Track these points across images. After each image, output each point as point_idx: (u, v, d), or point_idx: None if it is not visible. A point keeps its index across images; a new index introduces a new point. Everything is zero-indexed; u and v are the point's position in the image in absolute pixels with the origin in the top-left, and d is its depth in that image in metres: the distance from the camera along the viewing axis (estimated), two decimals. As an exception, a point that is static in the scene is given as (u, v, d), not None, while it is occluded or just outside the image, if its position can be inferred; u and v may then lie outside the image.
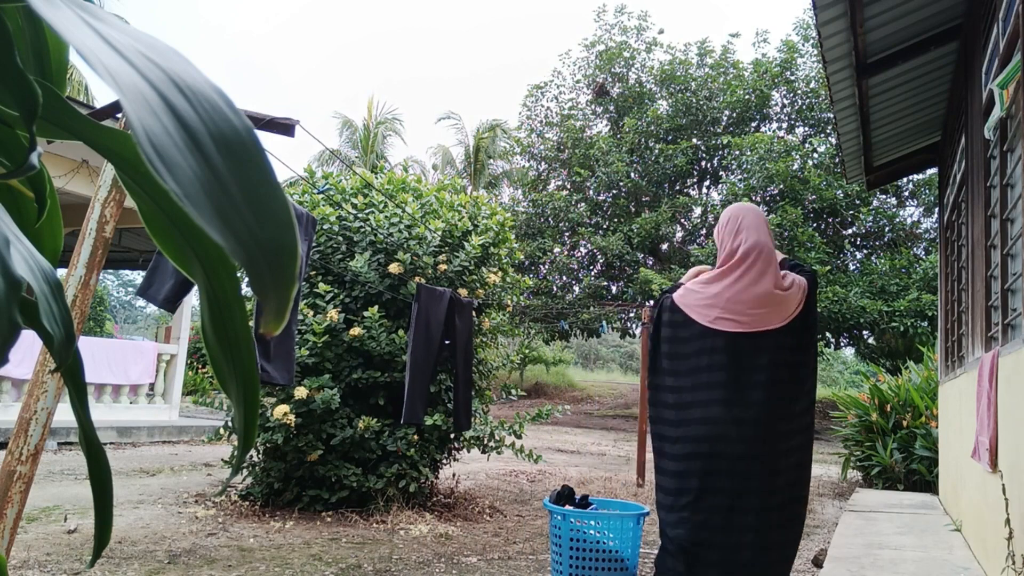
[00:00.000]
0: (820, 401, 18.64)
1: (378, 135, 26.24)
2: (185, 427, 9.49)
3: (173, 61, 0.44)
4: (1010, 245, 3.57)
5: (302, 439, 4.85)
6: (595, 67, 20.06)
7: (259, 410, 0.56)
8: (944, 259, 6.55)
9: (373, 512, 4.92)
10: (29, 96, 0.49)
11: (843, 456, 8.38)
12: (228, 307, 0.52)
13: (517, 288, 6.07)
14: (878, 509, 5.70)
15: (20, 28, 0.62)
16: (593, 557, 3.41)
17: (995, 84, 3.32)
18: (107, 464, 0.62)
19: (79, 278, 2.13)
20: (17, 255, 0.48)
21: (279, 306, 0.41)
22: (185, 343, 10.30)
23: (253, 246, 0.40)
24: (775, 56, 18.67)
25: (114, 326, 28.98)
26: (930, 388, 7.48)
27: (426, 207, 5.57)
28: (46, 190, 0.62)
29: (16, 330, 0.45)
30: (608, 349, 42.86)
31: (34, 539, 3.91)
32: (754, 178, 16.69)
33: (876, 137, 6.36)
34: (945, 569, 3.74)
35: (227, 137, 0.42)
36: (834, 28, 4.54)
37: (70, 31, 0.42)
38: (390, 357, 5.07)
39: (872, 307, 14.91)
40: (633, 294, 17.11)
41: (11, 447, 2.00)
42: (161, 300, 3.33)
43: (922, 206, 17.32)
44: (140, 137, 0.38)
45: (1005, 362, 3.37)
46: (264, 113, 3.08)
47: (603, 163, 17.93)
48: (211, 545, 4.00)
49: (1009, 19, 3.30)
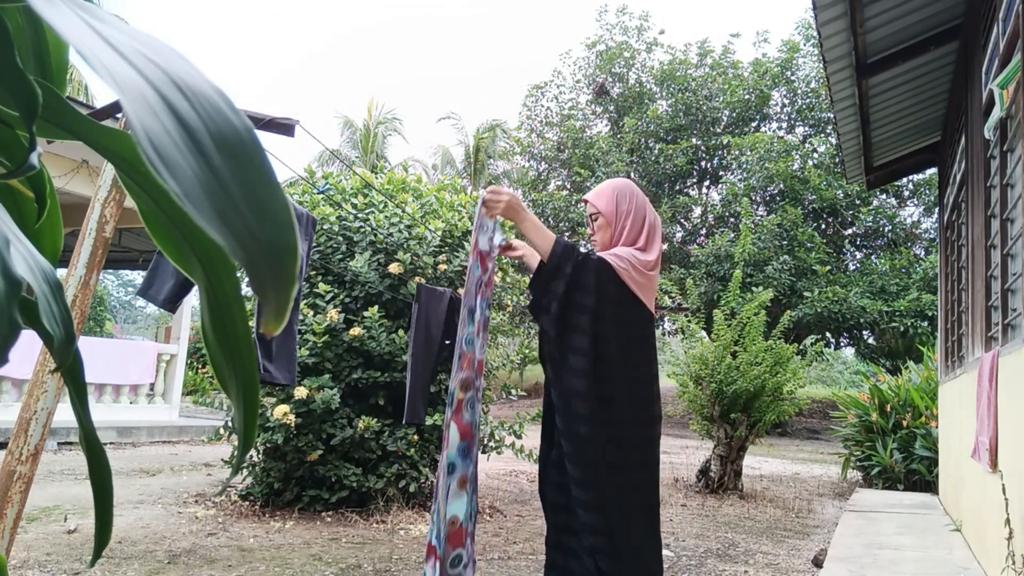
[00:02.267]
0: (820, 401, 18.65)
1: (378, 135, 26.26)
2: (185, 427, 9.49)
3: (173, 61, 0.44)
4: (1010, 245, 3.57)
5: (302, 439, 4.85)
6: (595, 67, 20.06)
7: (259, 410, 0.56)
8: (944, 259, 6.55)
9: (373, 512, 4.92)
10: (29, 96, 0.49)
11: (843, 456, 8.38)
12: (228, 307, 0.52)
13: (517, 288, 6.07)
14: (878, 509, 5.70)
15: (20, 28, 0.62)
16: (593, 557, 3.40)
17: (995, 84, 3.32)
18: (107, 464, 0.62)
19: (79, 278, 2.13)
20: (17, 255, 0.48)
21: (279, 306, 0.41)
22: (185, 343, 10.30)
23: (253, 246, 0.40)
24: (775, 56, 18.67)
25: (114, 326, 28.99)
26: (930, 388, 7.48)
27: (426, 207, 5.57)
28: (46, 190, 0.62)
29: (16, 330, 0.45)
30: (608, 349, 42.79)
31: (34, 539, 3.91)
32: (754, 178, 16.70)
33: (876, 137, 6.36)
34: (945, 569, 3.74)
35: (227, 137, 0.42)
36: (834, 28, 4.54)
37: (70, 31, 0.42)
38: (390, 357, 5.07)
39: (872, 307, 14.91)
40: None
41: (11, 447, 2.00)
42: (161, 300, 3.33)
43: (922, 206, 17.33)
44: (140, 137, 0.38)
45: (1005, 362, 3.37)
46: (264, 113, 3.08)
47: (603, 163, 17.94)
48: (211, 545, 4.00)
49: (1009, 19, 3.30)
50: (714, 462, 7.00)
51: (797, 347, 7.62)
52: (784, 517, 5.87)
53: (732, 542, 4.80)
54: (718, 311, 7.26)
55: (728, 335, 6.99)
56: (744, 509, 6.16)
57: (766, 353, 6.93)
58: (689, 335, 7.54)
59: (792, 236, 15.94)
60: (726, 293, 7.51)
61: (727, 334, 6.99)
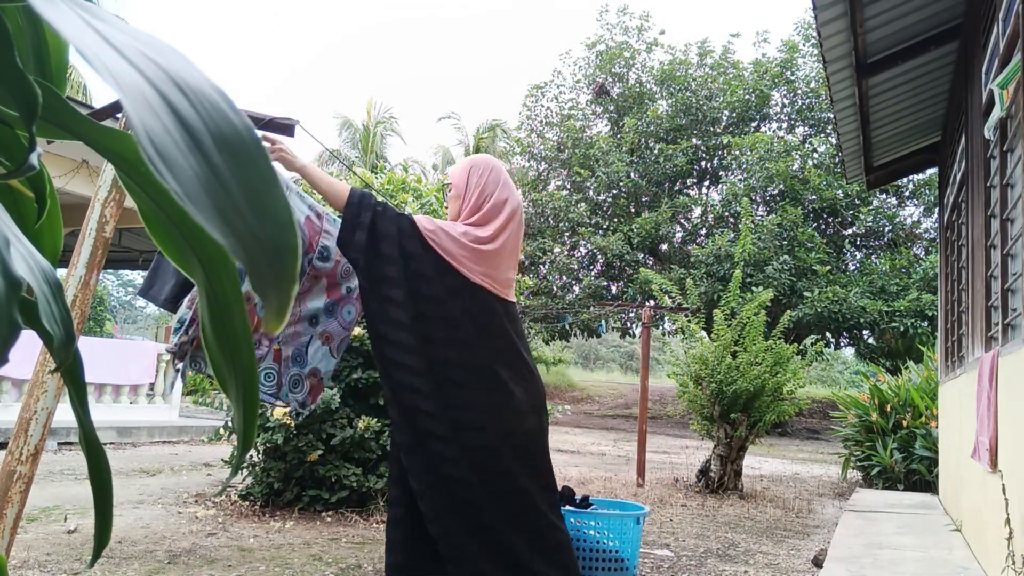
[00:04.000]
0: (820, 401, 18.65)
1: (377, 135, 26.26)
2: (185, 427, 9.49)
3: (173, 60, 0.44)
4: (1010, 245, 3.57)
5: (302, 439, 4.85)
6: (595, 67, 20.06)
7: (259, 410, 0.56)
8: (944, 259, 6.55)
9: (373, 512, 4.92)
10: (29, 96, 0.49)
11: (843, 456, 8.38)
12: (228, 307, 0.52)
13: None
14: (878, 509, 5.70)
15: (20, 28, 0.62)
16: (593, 557, 3.41)
17: (995, 84, 3.32)
18: (107, 464, 0.62)
19: (79, 278, 2.13)
20: (17, 255, 0.48)
21: (280, 305, 0.41)
22: (185, 343, 10.28)
23: (253, 246, 0.40)
24: (775, 56, 18.68)
25: (114, 326, 28.99)
26: (930, 388, 7.48)
27: (426, 207, 5.57)
28: (46, 190, 0.62)
29: (16, 330, 0.45)
30: (608, 349, 42.87)
31: (34, 539, 3.91)
32: (754, 178, 16.70)
33: (876, 137, 6.36)
34: (945, 569, 3.74)
35: (227, 137, 0.42)
36: (834, 28, 4.54)
37: (70, 31, 0.42)
38: (390, 357, 5.07)
39: (872, 307, 14.91)
40: (633, 294, 17.11)
41: (11, 447, 2.00)
42: (162, 300, 3.33)
43: (922, 206, 17.33)
44: (140, 137, 0.38)
45: (1005, 362, 3.37)
46: (264, 113, 3.08)
47: (603, 163, 17.94)
48: (211, 545, 4.00)
49: (1009, 19, 3.30)
50: (714, 462, 7.00)
51: (797, 347, 7.62)
52: (784, 517, 5.87)
53: (732, 542, 4.80)
54: (718, 311, 7.26)
55: (728, 335, 6.99)
56: (744, 509, 6.16)
57: (766, 353, 6.93)
58: (689, 335, 7.54)
59: (792, 236, 15.95)
60: (726, 293, 7.51)
61: (727, 334, 6.99)
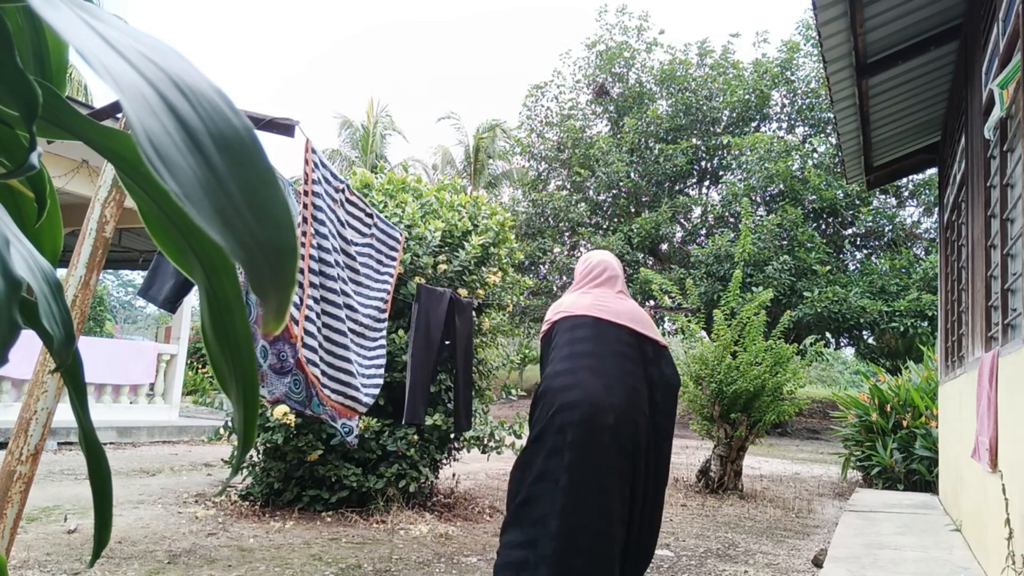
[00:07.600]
0: (820, 401, 18.65)
1: (378, 135, 26.26)
2: (185, 427, 9.49)
3: (173, 61, 0.44)
4: (1010, 245, 3.57)
5: (302, 439, 4.85)
6: (595, 67, 20.05)
7: (259, 410, 0.56)
8: (944, 259, 6.55)
9: (373, 512, 4.92)
10: (29, 96, 0.49)
11: (843, 456, 8.38)
12: (228, 307, 0.52)
13: (517, 288, 6.06)
14: (878, 509, 5.70)
15: (20, 28, 0.62)
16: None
17: (995, 84, 3.32)
18: (107, 464, 0.62)
19: (79, 278, 2.13)
20: (17, 255, 0.48)
21: (279, 306, 0.41)
22: (185, 343, 10.30)
23: (253, 246, 0.40)
24: (775, 56, 18.67)
25: (114, 326, 28.96)
26: (930, 388, 7.48)
27: (426, 207, 5.57)
28: (46, 190, 0.62)
29: (16, 330, 0.45)
30: (608, 349, 42.77)
31: (34, 539, 3.91)
32: (754, 178, 16.70)
33: (876, 137, 6.36)
34: (945, 569, 3.74)
35: (227, 137, 0.42)
36: (834, 28, 4.54)
37: (70, 31, 0.42)
38: (390, 357, 5.07)
39: (872, 307, 14.91)
40: (633, 294, 17.11)
41: (11, 447, 2.00)
42: (162, 300, 3.33)
43: (922, 206, 17.32)
44: (140, 137, 0.38)
45: (1005, 362, 3.37)
46: (263, 114, 3.08)
47: (603, 163, 17.93)
48: (211, 545, 4.00)
49: (1009, 19, 3.30)
50: (714, 462, 7.00)
51: (797, 347, 7.62)
52: (784, 517, 5.87)
53: (732, 542, 4.80)
54: (718, 311, 7.26)
55: (728, 335, 6.99)
56: (744, 509, 6.16)
57: (766, 353, 6.94)
58: (689, 335, 7.54)
59: (792, 236, 15.94)
60: (726, 293, 7.51)
61: (727, 334, 6.99)
